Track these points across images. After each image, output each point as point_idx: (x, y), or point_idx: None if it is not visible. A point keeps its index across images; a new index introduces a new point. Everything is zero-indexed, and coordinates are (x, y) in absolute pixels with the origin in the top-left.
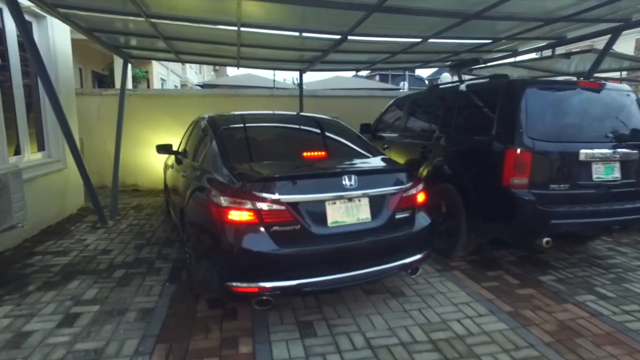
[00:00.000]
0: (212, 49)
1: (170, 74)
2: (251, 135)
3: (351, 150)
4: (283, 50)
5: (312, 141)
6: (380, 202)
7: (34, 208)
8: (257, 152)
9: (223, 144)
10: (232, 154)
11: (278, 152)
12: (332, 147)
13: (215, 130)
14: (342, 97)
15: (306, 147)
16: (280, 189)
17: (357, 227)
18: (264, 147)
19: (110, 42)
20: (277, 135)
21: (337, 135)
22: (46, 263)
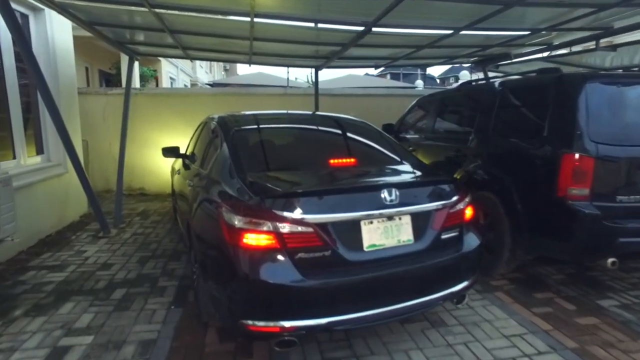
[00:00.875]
0: (222, 43)
1: (179, 72)
2: (267, 139)
3: (384, 157)
4: (298, 44)
5: (338, 146)
6: (424, 220)
7: (31, 217)
8: (275, 159)
9: (235, 149)
10: (245, 161)
11: (299, 159)
12: (361, 153)
13: (226, 133)
14: (360, 95)
15: (331, 153)
16: (307, 206)
17: (397, 251)
18: (282, 153)
19: (115, 38)
20: (296, 138)
21: (365, 139)
22: (39, 280)
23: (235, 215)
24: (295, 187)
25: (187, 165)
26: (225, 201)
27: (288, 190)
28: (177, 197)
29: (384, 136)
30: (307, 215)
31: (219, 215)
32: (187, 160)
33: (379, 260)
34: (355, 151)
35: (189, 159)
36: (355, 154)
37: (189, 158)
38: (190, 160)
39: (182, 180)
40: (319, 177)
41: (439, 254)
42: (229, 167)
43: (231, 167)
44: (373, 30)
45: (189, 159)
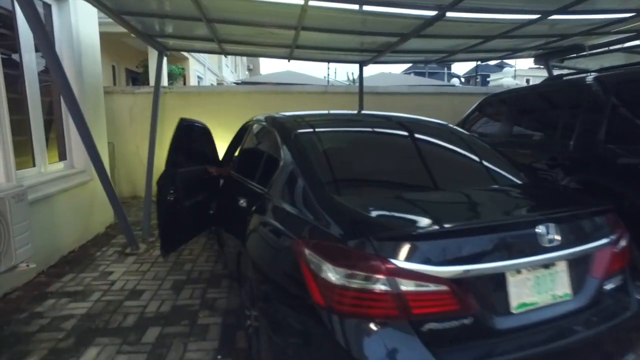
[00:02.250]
0: (264, 34)
1: (207, 71)
2: (345, 147)
3: (500, 175)
4: (348, 34)
5: (436, 158)
6: (583, 266)
7: (52, 232)
8: (362, 174)
9: (305, 160)
10: (324, 177)
11: (393, 175)
12: (471, 168)
13: (287, 138)
14: (407, 94)
15: (433, 167)
16: (439, 252)
17: (553, 312)
18: (370, 167)
19: (144, 30)
20: (381, 147)
21: (466, 149)
22: (59, 312)
23: (331, 264)
24: (413, 221)
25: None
26: (309, 239)
27: (411, 228)
28: (219, 213)
29: (482, 145)
30: (440, 267)
31: (297, 258)
32: (232, 170)
33: (531, 325)
34: (464, 166)
35: (235, 169)
36: (465, 169)
37: (236, 168)
38: (234, 169)
39: (226, 194)
40: (435, 204)
41: (602, 313)
42: (302, 186)
43: (305, 186)
44: (447, 16)
45: (236, 170)
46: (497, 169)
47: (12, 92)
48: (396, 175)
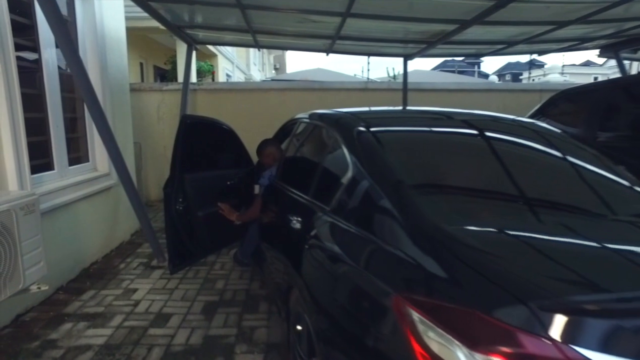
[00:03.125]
0: (303, 23)
1: (235, 69)
2: (438, 157)
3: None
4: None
5: (550, 171)
6: None
7: (73, 243)
8: (468, 194)
9: (388, 171)
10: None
11: (509, 192)
12: (590, 184)
13: (356, 141)
14: (453, 91)
15: (545, 182)
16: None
17: None
18: (474, 182)
19: (173, 21)
20: (479, 154)
21: (572, 156)
22: (75, 342)
23: (466, 346)
24: (593, 279)
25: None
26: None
27: (600, 297)
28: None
29: (588, 151)
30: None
31: (397, 322)
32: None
33: None
34: (588, 182)
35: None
36: (593, 188)
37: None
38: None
39: (269, 204)
40: (606, 250)
41: None
42: (388, 207)
43: (393, 208)
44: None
45: (280, 177)
46: (617, 185)
47: (28, 87)
48: (515, 193)
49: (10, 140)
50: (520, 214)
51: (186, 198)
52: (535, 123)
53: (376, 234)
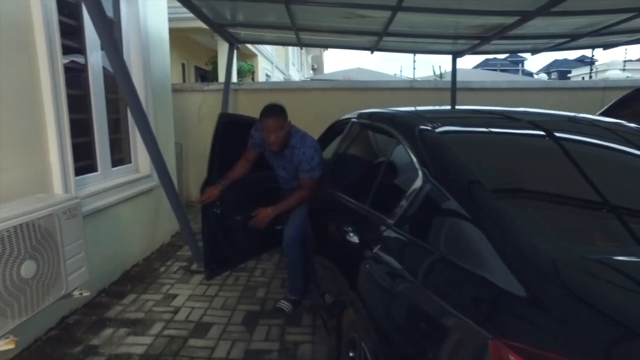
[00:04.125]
0: (350, 19)
1: (275, 69)
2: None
3: None
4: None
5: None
6: None
7: (116, 245)
8: (564, 209)
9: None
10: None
11: (607, 209)
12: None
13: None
14: (506, 90)
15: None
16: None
17: None
18: (567, 194)
19: (215, 19)
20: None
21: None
22: (115, 350)
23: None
24: None
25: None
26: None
27: None
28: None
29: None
30: None
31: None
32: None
33: None
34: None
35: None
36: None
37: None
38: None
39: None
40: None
41: None
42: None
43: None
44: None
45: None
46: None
47: (74, 89)
48: (623, 211)
49: (56, 142)
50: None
51: (224, 201)
52: (624, 124)
53: (468, 261)
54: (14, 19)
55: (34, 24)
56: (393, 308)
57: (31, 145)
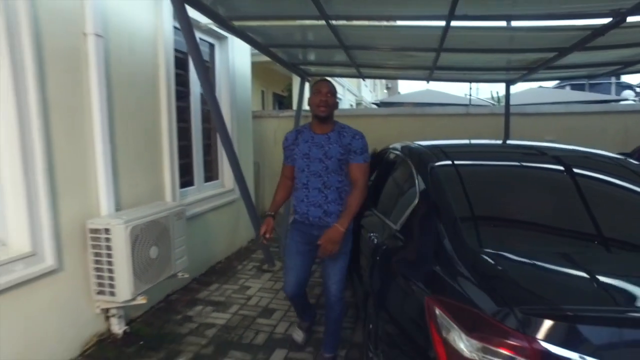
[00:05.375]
0: (401, 57)
1: (346, 92)
2: (492, 188)
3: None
4: (493, 53)
5: (612, 206)
6: None
7: (206, 244)
8: (512, 224)
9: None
10: (464, 226)
11: (551, 226)
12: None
13: (424, 172)
14: (564, 114)
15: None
16: (606, 342)
17: None
18: (521, 215)
19: (289, 60)
20: (536, 189)
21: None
22: (204, 320)
23: (463, 332)
24: (578, 295)
25: None
26: (441, 297)
27: (575, 306)
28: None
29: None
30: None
31: (426, 316)
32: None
33: None
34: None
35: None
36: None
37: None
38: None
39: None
40: (611, 274)
41: None
42: (436, 232)
43: (441, 232)
44: (627, 22)
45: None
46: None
47: (180, 122)
48: (558, 228)
49: (168, 163)
50: (549, 246)
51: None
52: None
53: (428, 253)
54: (149, 75)
55: (160, 77)
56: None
57: (153, 166)
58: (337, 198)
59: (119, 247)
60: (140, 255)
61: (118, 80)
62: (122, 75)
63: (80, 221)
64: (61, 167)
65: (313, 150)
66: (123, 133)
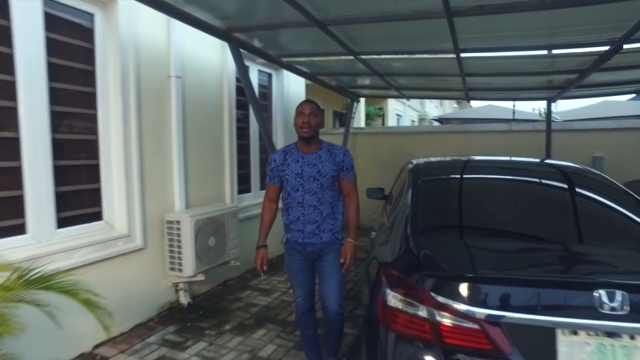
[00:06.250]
0: (433, 81)
1: (406, 108)
2: (458, 193)
3: (627, 235)
4: (521, 76)
5: (551, 210)
6: None
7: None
8: (462, 220)
9: (416, 203)
10: (424, 220)
11: (492, 224)
12: (589, 224)
13: (415, 182)
14: (612, 130)
15: (540, 220)
16: (477, 296)
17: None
18: (473, 214)
19: (336, 85)
20: (494, 195)
21: (599, 203)
22: (250, 301)
23: (389, 288)
24: (467, 266)
25: (383, 210)
26: (385, 268)
27: (454, 273)
28: None
29: (630, 199)
30: (475, 308)
31: (377, 281)
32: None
33: None
34: (579, 220)
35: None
36: (577, 224)
37: (387, 202)
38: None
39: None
40: (513, 255)
41: None
42: (404, 223)
43: (406, 224)
44: (625, 48)
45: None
46: (622, 229)
47: (240, 139)
48: (496, 223)
49: (228, 173)
50: (493, 237)
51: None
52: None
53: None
54: (215, 103)
55: (224, 105)
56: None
57: (216, 175)
58: (331, 213)
59: (186, 235)
60: (201, 242)
61: (190, 109)
62: (194, 105)
63: (160, 214)
64: (149, 175)
65: (305, 169)
66: (193, 150)
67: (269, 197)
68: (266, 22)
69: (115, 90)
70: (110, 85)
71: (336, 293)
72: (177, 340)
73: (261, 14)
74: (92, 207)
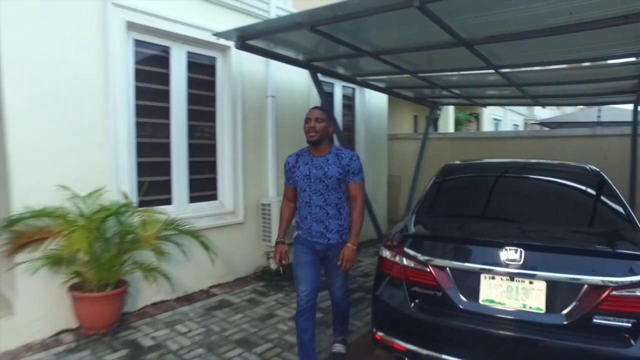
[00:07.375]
0: (496, 90)
1: (507, 113)
2: (458, 188)
3: (579, 218)
4: (578, 84)
5: (528, 201)
6: (569, 293)
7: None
8: (451, 206)
9: (426, 194)
10: (425, 205)
11: (469, 208)
12: (551, 211)
13: (433, 179)
14: None
15: (514, 208)
16: (429, 249)
17: (520, 316)
18: (462, 202)
19: (414, 96)
20: (488, 189)
21: (573, 196)
22: None
23: (384, 246)
24: (431, 232)
25: None
26: (389, 236)
27: (414, 232)
28: None
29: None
30: (426, 257)
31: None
32: None
33: (493, 317)
34: (540, 207)
35: None
36: (536, 209)
37: None
38: None
39: None
40: (471, 227)
41: (583, 337)
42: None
43: (415, 209)
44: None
45: None
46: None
47: None
48: (479, 210)
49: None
50: (475, 219)
51: None
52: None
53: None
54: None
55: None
56: None
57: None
58: (337, 214)
59: (274, 214)
60: None
61: (283, 121)
62: (286, 118)
63: (256, 199)
64: (249, 170)
65: (313, 172)
66: (283, 152)
67: (286, 197)
68: (326, 55)
69: (228, 108)
70: (225, 104)
71: (341, 283)
72: (264, 290)
73: (323, 49)
74: (211, 190)
